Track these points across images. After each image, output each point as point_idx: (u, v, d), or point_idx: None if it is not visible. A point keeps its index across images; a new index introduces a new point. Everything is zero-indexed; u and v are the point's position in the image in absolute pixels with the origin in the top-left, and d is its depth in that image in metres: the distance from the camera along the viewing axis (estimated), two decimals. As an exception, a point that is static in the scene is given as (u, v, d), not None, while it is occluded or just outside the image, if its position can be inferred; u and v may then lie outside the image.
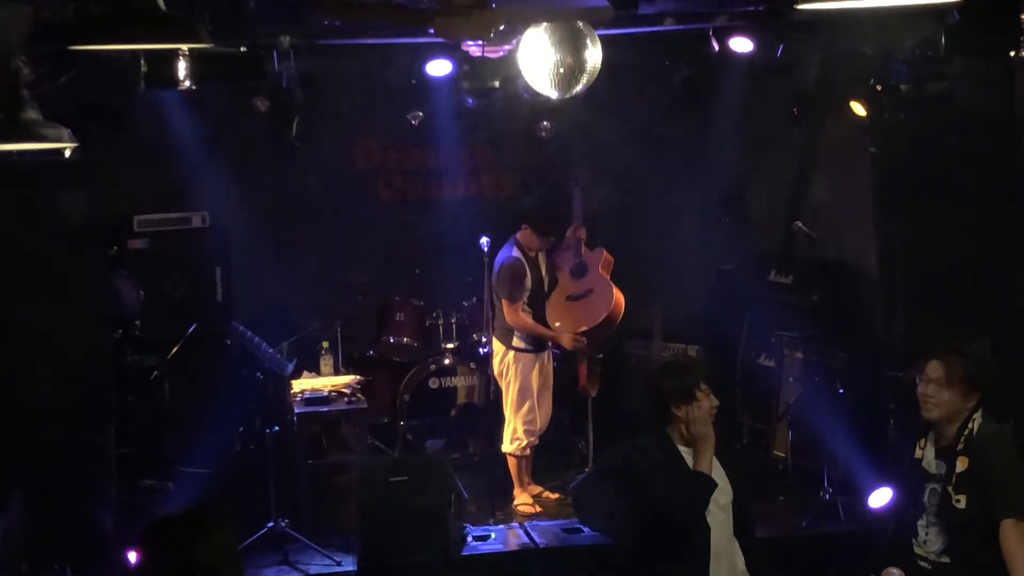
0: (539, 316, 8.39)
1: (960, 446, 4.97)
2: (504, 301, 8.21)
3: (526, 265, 8.26)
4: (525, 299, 8.28)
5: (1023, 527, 4.85)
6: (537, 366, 8.36)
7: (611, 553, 6.96)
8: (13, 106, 5.60)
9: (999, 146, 7.51)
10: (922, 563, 5.04)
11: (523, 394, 8.29)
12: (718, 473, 4.95)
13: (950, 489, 4.95)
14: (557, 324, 8.42)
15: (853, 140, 8.77)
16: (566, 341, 8.36)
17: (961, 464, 4.95)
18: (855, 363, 8.37)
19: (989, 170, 7.56)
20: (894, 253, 8.37)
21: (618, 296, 8.36)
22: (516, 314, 8.23)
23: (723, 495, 4.93)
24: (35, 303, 6.92)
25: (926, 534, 5.03)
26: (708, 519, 4.87)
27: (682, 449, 4.93)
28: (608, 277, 8.48)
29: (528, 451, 8.38)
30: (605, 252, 8.57)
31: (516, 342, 8.30)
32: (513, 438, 8.30)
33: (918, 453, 5.12)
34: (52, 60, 6.30)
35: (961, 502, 4.92)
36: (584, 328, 8.36)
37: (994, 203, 7.57)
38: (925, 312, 7.95)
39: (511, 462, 8.37)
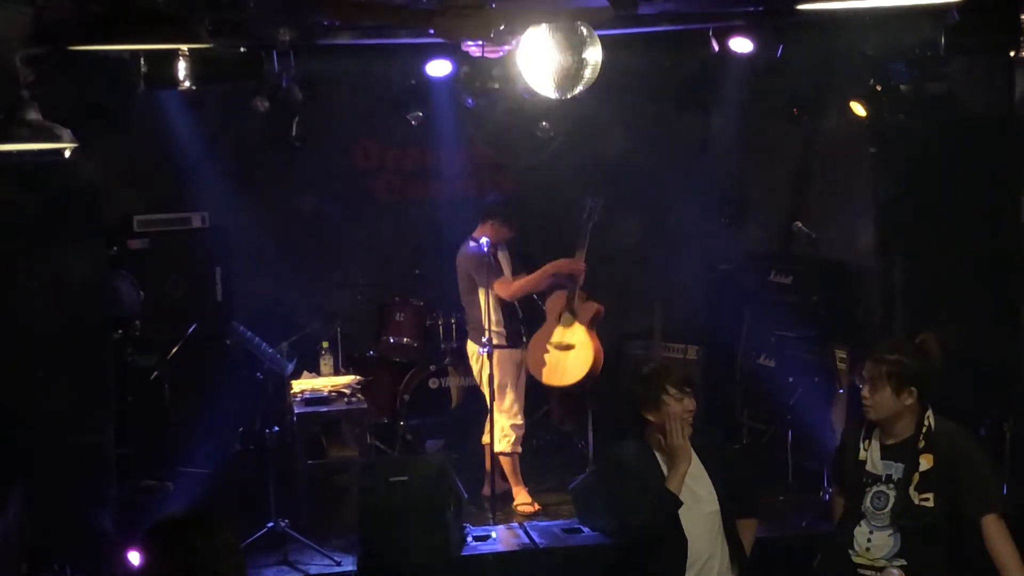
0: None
1: (921, 444, 4.86)
2: (492, 291, 8.21)
3: (491, 257, 8.32)
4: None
5: (1002, 522, 4.83)
6: (513, 361, 8.40)
7: (611, 553, 6.96)
8: (13, 106, 5.61)
9: (999, 146, 7.51)
10: (866, 572, 4.89)
11: (503, 389, 8.30)
12: (703, 482, 4.94)
13: (911, 490, 4.83)
14: (537, 365, 8.51)
15: (853, 140, 8.77)
16: (564, 265, 8.44)
17: (926, 462, 4.83)
18: (855, 363, 8.37)
19: (989, 170, 7.56)
20: (894, 253, 8.36)
21: (597, 356, 8.46)
22: (509, 285, 8.30)
23: (708, 504, 4.92)
24: (35, 304, 6.93)
25: (868, 540, 4.88)
26: (688, 530, 4.87)
27: (659, 457, 4.93)
28: (593, 332, 8.54)
29: (520, 447, 8.39)
30: (598, 306, 8.61)
31: (494, 338, 8.32)
32: (502, 436, 8.28)
33: (862, 455, 4.97)
34: (52, 60, 6.30)
35: (930, 500, 4.81)
36: (562, 384, 8.50)
37: (994, 203, 7.57)
38: (925, 312, 7.94)
39: (505, 462, 8.35)
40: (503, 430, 8.28)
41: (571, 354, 8.46)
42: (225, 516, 3.38)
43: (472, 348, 8.43)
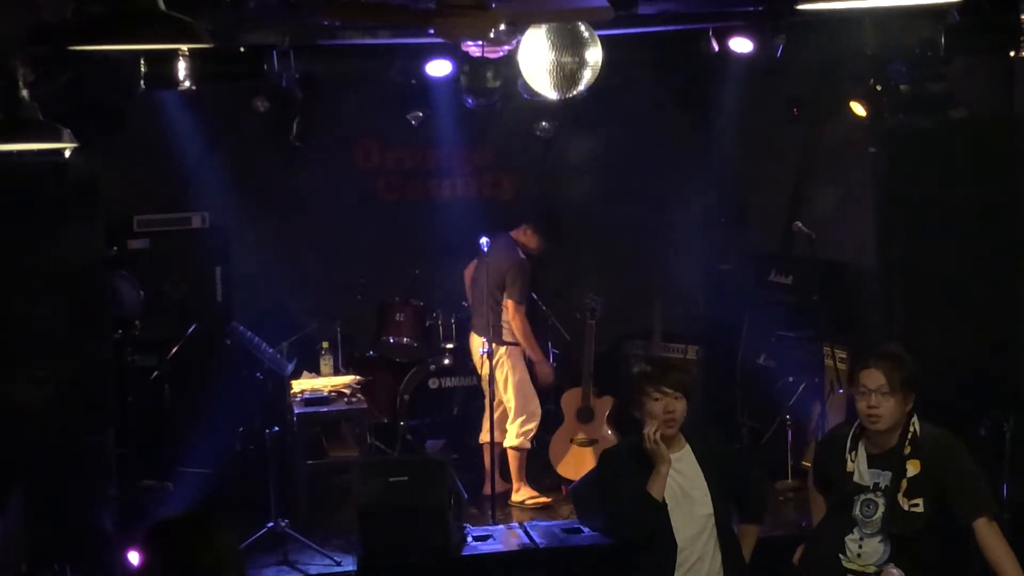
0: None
1: (907, 450, 4.85)
2: (511, 302, 8.31)
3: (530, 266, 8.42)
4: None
5: (995, 525, 4.83)
6: (523, 358, 8.51)
7: (611, 553, 6.97)
8: (13, 106, 5.61)
9: (999, 146, 7.51)
10: None
11: (524, 385, 8.43)
12: (698, 484, 4.94)
13: (900, 496, 4.81)
14: (563, 463, 8.63)
15: (853, 140, 8.76)
16: (543, 373, 8.54)
17: (913, 468, 4.82)
18: (854, 365, 8.35)
19: (989, 170, 7.55)
20: (894, 253, 8.35)
21: None
22: (522, 315, 8.34)
23: (701, 506, 4.93)
24: (35, 303, 6.93)
25: (859, 547, 4.88)
26: (679, 531, 4.88)
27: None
28: (612, 424, 8.60)
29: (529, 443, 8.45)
30: (612, 399, 8.69)
31: (507, 336, 8.40)
32: (519, 432, 8.33)
33: (849, 467, 4.94)
34: (52, 60, 6.30)
35: (919, 506, 4.80)
36: None
37: (994, 203, 7.57)
38: (925, 312, 7.94)
39: (514, 457, 8.38)
40: (523, 423, 8.33)
41: (595, 449, 8.51)
42: (225, 516, 3.38)
43: (476, 344, 8.43)
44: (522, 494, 8.43)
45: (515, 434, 8.36)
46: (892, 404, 4.83)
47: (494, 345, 8.29)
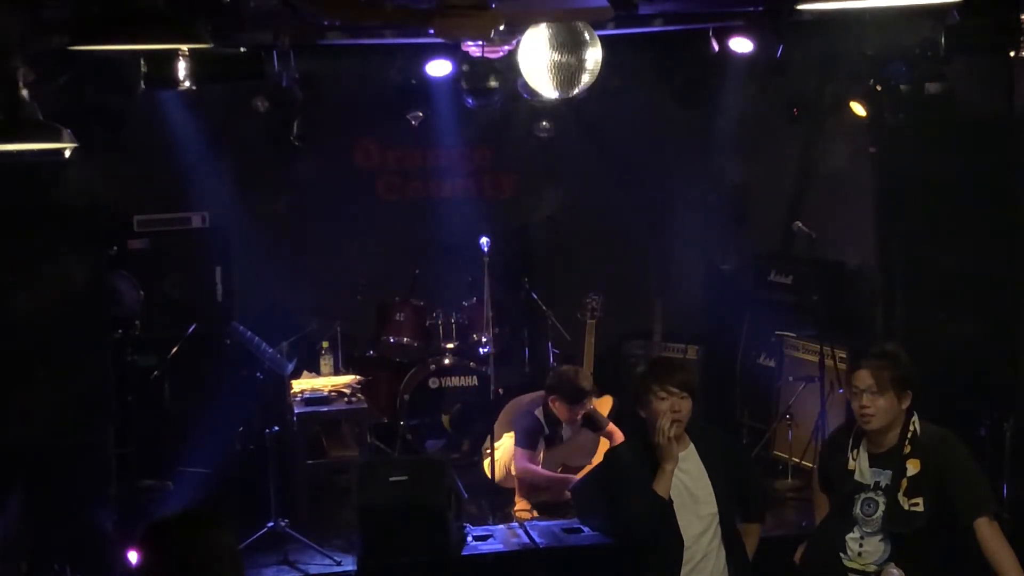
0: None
1: (907, 450, 4.86)
2: (519, 457, 8.06)
3: (543, 426, 8.11)
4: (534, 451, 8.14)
5: (995, 524, 4.83)
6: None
7: (611, 553, 6.97)
8: (13, 106, 5.61)
9: (999, 146, 7.51)
10: None
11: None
12: (702, 484, 4.94)
13: (900, 495, 4.83)
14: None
15: (853, 140, 8.76)
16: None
17: (913, 467, 4.84)
18: (853, 365, 8.35)
19: (989, 170, 7.56)
20: (894, 253, 8.36)
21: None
22: (523, 461, 8.05)
23: (706, 506, 4.93)
24: (35, 303, 6.93)
25: (860, 546, 4.90)
26: (684, 530, 4.88)
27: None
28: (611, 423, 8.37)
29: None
30: (612, 400, 8.54)
31: None
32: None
33: (851, 465, 4.97)
34: (52, 60, 6.30)
35: (919, 505, 4.82)
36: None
37: (994, 203, 7.57)
38: (925, 312, 7.95)
39: (514, 481, 8.33)
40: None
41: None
42: (225, 516, 3.38)
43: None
44: (518, 505, 8.34)
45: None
46: (883, 403, 4.84)
47: None
